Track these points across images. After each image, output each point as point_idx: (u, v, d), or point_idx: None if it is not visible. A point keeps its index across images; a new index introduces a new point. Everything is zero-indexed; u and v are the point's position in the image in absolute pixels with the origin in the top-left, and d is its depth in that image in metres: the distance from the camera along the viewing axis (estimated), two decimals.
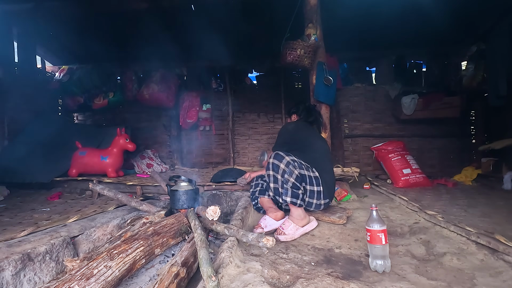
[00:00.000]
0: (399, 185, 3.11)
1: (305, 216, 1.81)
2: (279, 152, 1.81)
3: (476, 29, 3.52)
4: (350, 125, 4.17)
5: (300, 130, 2.15)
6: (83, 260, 1.31)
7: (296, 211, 1.78)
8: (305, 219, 1.80)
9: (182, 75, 4.53)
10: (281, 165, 1.76)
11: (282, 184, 1.78)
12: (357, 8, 3.25)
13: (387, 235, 1.28)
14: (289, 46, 2.64)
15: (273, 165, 1.78)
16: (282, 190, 1.78)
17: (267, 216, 1.89)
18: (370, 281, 1.20)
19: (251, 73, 4.74)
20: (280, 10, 3.01)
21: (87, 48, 4.34)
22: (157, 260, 1.53)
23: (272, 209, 1.93)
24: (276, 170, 1.77)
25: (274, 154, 1.80)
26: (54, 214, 2.19)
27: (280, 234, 1.70)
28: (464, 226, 1.66)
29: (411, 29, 3.65)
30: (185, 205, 1.97)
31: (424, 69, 4.41)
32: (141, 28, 3.56)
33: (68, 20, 3.73)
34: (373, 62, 4.51)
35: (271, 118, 4.52)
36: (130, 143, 3.29)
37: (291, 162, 1.78)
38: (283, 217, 1.89)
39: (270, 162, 1.80)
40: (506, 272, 1.25)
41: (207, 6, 3.38)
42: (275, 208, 1.95)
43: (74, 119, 4.66)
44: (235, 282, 1.15)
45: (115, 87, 4.29)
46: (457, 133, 4.02)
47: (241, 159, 4.55)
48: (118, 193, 2.27)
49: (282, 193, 1.78)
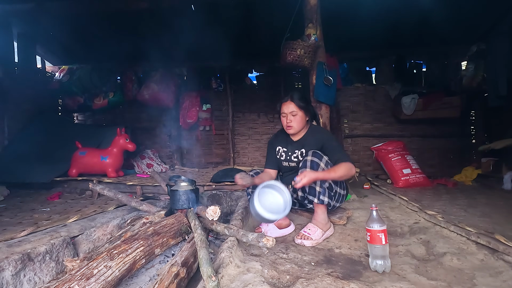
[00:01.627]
0: (399, 185, 3.11)
1: (328, 221, 1.77)
2: (317, 150, 1.74)
3: (476, 29, 3.51)
4: (350, 125, 4.17)
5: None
6: (83, 260, 1.31)
7: (322, 214, 1.73)
8: (328, 224, 1.76)
9: (182, 75, 4.53)
10: (321, 164, 1.68)
11: (321, 183, 1.69)
12: (357, 8, 3.25)
13: (387, 235, 1.28)
14: (289, 46, 2.64)
15: (311, 162, 1.68)
16: (320, 189, 1.68)
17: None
18: (370, 281, 1.20)
19: (251, 73, 4.74)
20: (280, 10, 3.00)
21: (87, 48, 4.35)
22: (157, 260, 1.53)
23: None
24: (316, 169, 1.67)
25: (312, 152, 1.72)
26: (54, 214, 2.19)
27: (306, 239, 1.64)
28: (464, 226, 1.66)
29: (411, 29, 3.65)
30: (185, 205, 1.97)
31: (424, 69, 4.41)
32: (141, 28, 3.56)
33: (68, 20, 3.73)
34: (373, 62, 4.50)
35: (271, 118, 4.52)
36: (130, 143, 3.30)
37: (329, 162, 1.72)
38: (288, 226, 1.84)
39: (307, 160, 1.69)
40: (506, 272, 1.25)
41: (207, 6, 3.38)
42: None
43: (74, 119, 4.65)
44: (235, 282, 1.15)
45: (115, 87, 4.29)
46: (457, 133, 4.02)
47: (241, 159, 4.55)
48: (118, 193, 2.27)
49: (320, 193, 1.68)
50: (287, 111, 1.86)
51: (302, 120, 1.88)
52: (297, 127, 1.87)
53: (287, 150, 1.95)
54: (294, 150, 1.92)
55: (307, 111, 1.90)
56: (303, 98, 1.90)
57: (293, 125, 1.85)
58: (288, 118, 1.86)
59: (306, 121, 1.91)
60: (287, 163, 1.95)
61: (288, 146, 1.96)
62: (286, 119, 1.87)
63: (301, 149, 1.88)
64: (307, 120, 1.92)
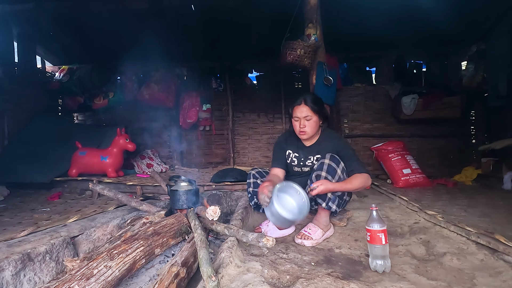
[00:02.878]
0: (399, 185, 3.11)
1: (329, 223, 1.77)
2: (334, 154, 1.69)
3: (476, 29, 3.51)
4: (350, 125, 4.17)
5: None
6: (83, 260, 1.31)
7: (325, 217, 1.71)
8: (329, 225, 1.76)
9: (182, 75, 4.53)
10: (338, 170, 1.64)
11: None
12: (357, 8, 3.25)
13: (387, 235, 1.28)
14: (289, 46, 2.64)
15: (329, 166, 1.63)
16: (332, 196, 1.65)
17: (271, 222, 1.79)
18: (370, 281, 1.20)
19: (251, 73, 4.74)
20: (280, 10, 3.00)
21: (87, 48, 4.35)
22: (157, 260, 1.53)
23: None
24: (333, 174, 1.62)
25: (330, 156, 1.67)
26: (54, 214, 2.19)
27: (307, 239, 1.63)
28: (464, 226, 1.66)
29: (411, 29, 3.64)
30: (185, 205, 1.97)
31: (424, 69, 4.41)
32: (141, 28, 3.56)
33: (68, 20, 3.73)
34: (373, 62, 4.50)
35: (271, 118, 4.52)
36: (130, 143, 3.30)
37: (345, 169, 1.68)
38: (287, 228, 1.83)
39: (325, 163, 1.64)
40: (506, 272, 1.25)
41: (207, 6, 3.38)
42: None
43: (74, 119, 4.66)
44: (235, 282, 1.15)
45: (115, 87, 4.29)
46: (457, 133, 4.02)
47: (241, 159, 4.55)
48: (118, 193, 2.27)
49: (330, 199, 1.65)
50: (301, 115, 1.75)
51: (317, 125, 1.79)
52: (311, 133, 1.79)
53: (299, 156, 1.89)
54: (308, 156, 1.85)
55: (322, 114, 1.80)
56: (317, 101, 1.80)
57: (307, 130, 1.76)
58: (302, 123, 1.76)
59: (320, 125, 1.83)
60: (299, 169, 1.90)
61: (300, 151, 1.89)
62: (299, 124, 1.77)
63: (315, 155, 1.83)
64: (321, 124, 1.84)
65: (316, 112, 1.77)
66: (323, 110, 1.82)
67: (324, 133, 1.88)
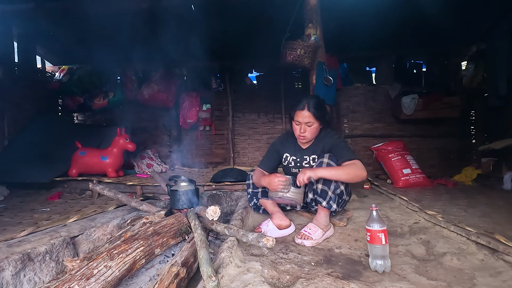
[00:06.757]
0: (399, 185, 3.11)
1: (329, 223, 1.77)
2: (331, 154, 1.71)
3: (476, 29, 3.51)
4: (350, 125, 4.17)
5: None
6: (83, 260, 1.31)
7: (325, 217, 1.71)
8: (329, 225, 1.75)
9: (182, 75, 4.53)
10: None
11: (334, 189, 1.66)
12: (357, 8, 3.25)
13: (387, 235, 1.28)
14: (289, 46, 2.64)
15: (327, 165, 1.64)
16: (332, 195, 1.66)
17: (271, 222, 1.81)
18: (370, 281, 1.20)
19: (251, 73, 4.74)
20: (280, 10, 3.00)
21: (87, 48, 4.34)
22: (157, 260, 1.53)
23: (278, 215, 1.82)
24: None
25: (328, 156, 1.68)
26: (54, 214, 2.19)
27: (307, 239, 1.63)
28: (464, 226, 1.65)
29: (411, 29, 3.64)
30: (185, 205, 1.97)
31: (424, 69, 4.41)
32: (141, 28, 3.56)
33: (68, 20, 3.72)
34: (373, 62, 4.51)
35: (271, 118, 4.52)
36: (130, 143, 3.30)
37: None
38: (288, 227, 1.81)
39: (324, 162, 1.65)
40: (506, 272, 1.25)
41: (207, 6, 3.38)
42: (282, 215, 1.83)
43: (74, 119, 4.66)
44: (235, 282, 1.15)
45: (115, 87, 4.29)
46: (457, 133, 4.02)
47: (241, 159, 4.55)
48: (118, 193, 2.27)
49: (331, 198, 1.66)
50: (302, 120, 1.75)
51: (317, 130, 1.80)
52: (310, 138, 1.80)
53: (296, 158, 1.91)
54: (304, 156, 1.87)
55: (323, 120, 1.79)
56: (320, 106, 1.77)
57: (306, 135, 1.77)
58: (302, 128, 1.76)
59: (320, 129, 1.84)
60: (296, 170, 1.91)
61: (297, 153, 1.91)
62: (300, 128, 1.77)
63: (311, 155, 1.85)
64: (321, 129, 1.84)
65: (318, 118, 1.76)
66: (325, 116, 1.81)
67: (320, 133, 1.88)
